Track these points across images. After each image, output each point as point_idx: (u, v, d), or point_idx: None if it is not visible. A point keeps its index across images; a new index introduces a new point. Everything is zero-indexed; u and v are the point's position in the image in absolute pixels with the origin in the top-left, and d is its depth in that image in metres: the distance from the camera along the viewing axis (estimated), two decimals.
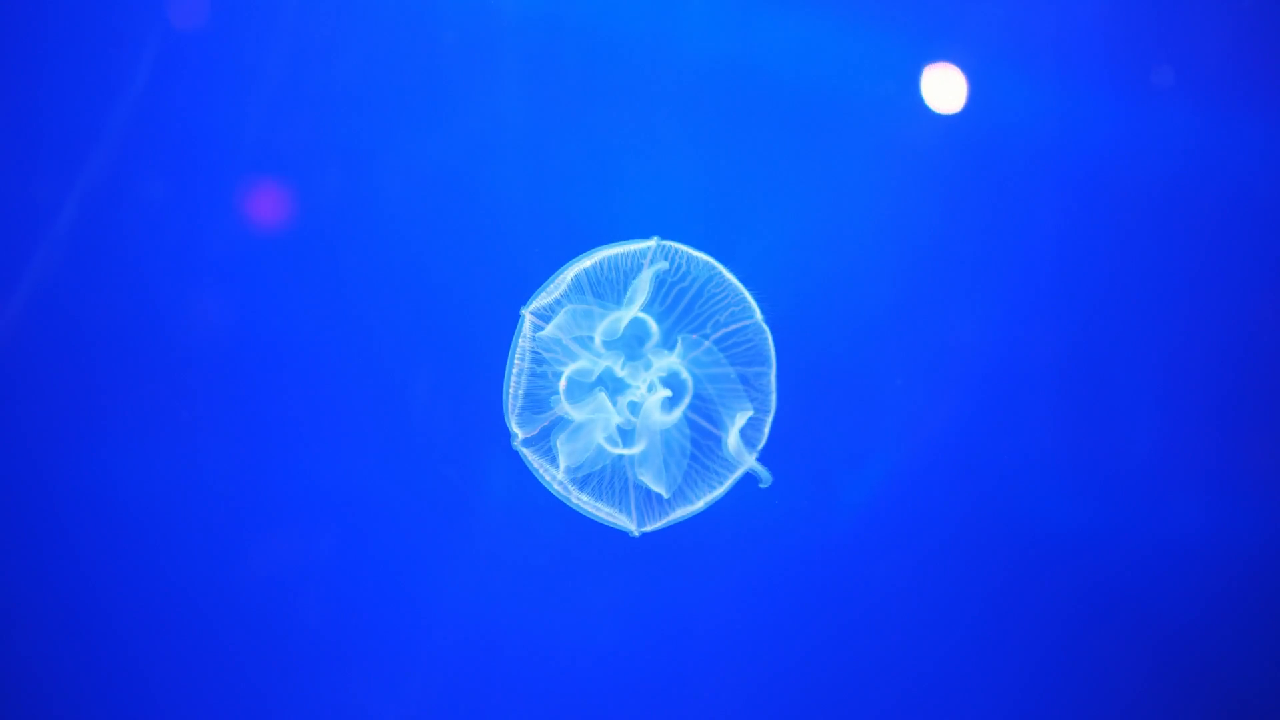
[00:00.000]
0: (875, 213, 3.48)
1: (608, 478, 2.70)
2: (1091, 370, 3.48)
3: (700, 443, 2.67)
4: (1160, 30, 3.47)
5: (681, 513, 2.74)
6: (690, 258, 2.63)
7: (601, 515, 2.74)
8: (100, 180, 3.36)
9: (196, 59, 3.40)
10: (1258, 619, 3.44)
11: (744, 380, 2.63)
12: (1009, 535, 3.45)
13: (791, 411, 3.32)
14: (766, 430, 2.72)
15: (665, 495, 2.66)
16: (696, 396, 2.64)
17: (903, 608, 3.45)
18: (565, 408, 2.64)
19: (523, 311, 2.70)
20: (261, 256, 3.43)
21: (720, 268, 2.63)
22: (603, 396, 2.63)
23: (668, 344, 2.63)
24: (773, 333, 3.32)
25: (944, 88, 3.46)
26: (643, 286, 2.58)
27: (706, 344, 2.58)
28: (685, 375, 2.61)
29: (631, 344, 2.63)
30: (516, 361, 2.66)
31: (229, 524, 3.39)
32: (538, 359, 2.66)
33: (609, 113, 3.45)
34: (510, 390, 2.68)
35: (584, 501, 2.73)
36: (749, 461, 2.68)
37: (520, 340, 2.67)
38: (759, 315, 2.65)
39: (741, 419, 2.62)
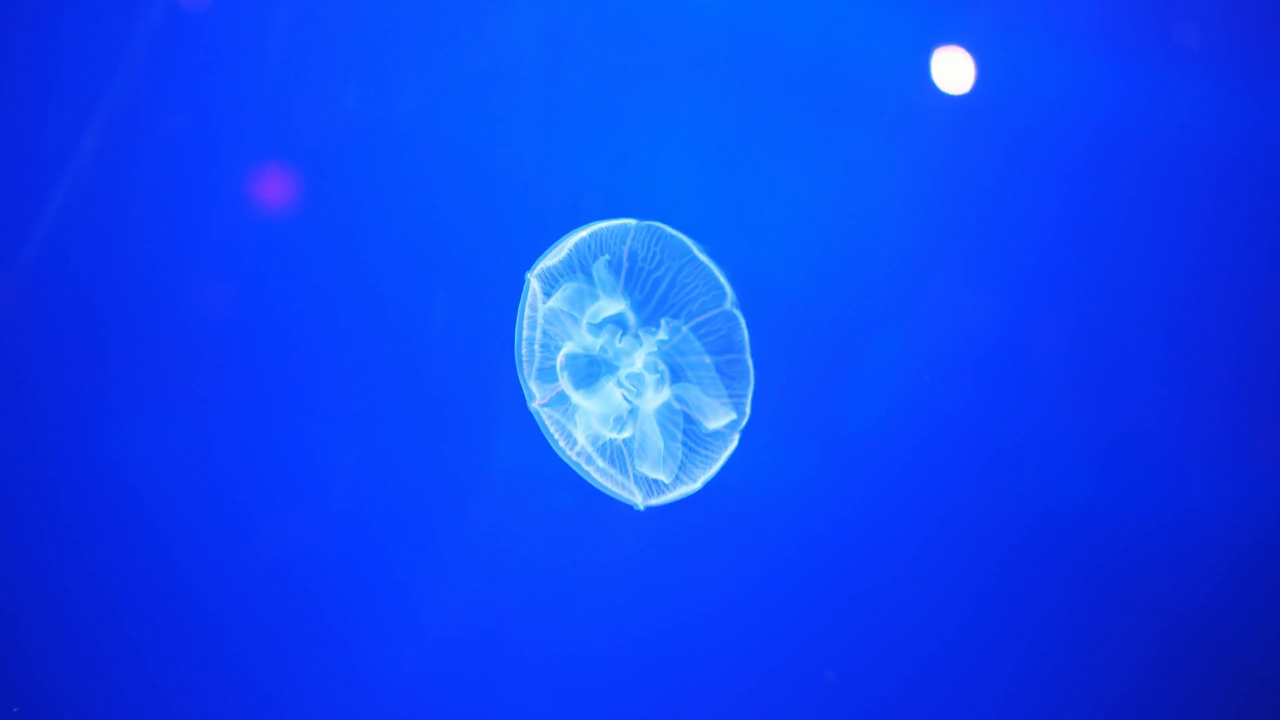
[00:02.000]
0: (885, 190, 3.50)
1: (610, 454, 2.76)
2: (1103, 347, 3.48)
3: (688, 427, 2.74)
4: (1168, 9, 3.43)
5: (680, 491, 2.79)
6: (664, 243, 2.68)
7: (610, 486, 2.79)
8: (107, 163, 3.39)
9: (202, 32, 3.44)
10: (1270, 596, 3.43)
11: (719, 367, 2.69)
12: (1021, 513, 3.46)
13: (802, 389, 3.42)
14: (748, 408, 2.77)
15: (665, 480, 2.71)
16: (680, 381, 2.71)
17: (910, 586, 3.47)
18: (565, 385, 2.70)
19: (527, 275, 2.73)
20: (262, 232, 3.45)
21: (696, 251, 2.68)
22: (606, 380, 2.69)
23: (649, 329, 2.69)
24: (781, 310, 3.39)
25: (953, 68, 3.45)
26: (601, 275, 2.65)
27: (684, 330, 2.64)
28: (662, 365, 2.67)
29: (617, 328, 2.70)
30: (525, 328, 2.71)
31: (236, 502, 3.42)
32: (545, 331, 2.71)
33: (617, 86, 3.48)
34: (522, 354, 2.72)
35: (595, 470, 2.78)
36: (732, 441, 2.74)
37: (526, 307, 2.71)
38: (730, 303, 2.70)
39: (719, 401, 2.68)
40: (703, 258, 2.64)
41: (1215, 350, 3.46)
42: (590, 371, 2.69)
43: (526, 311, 2.69)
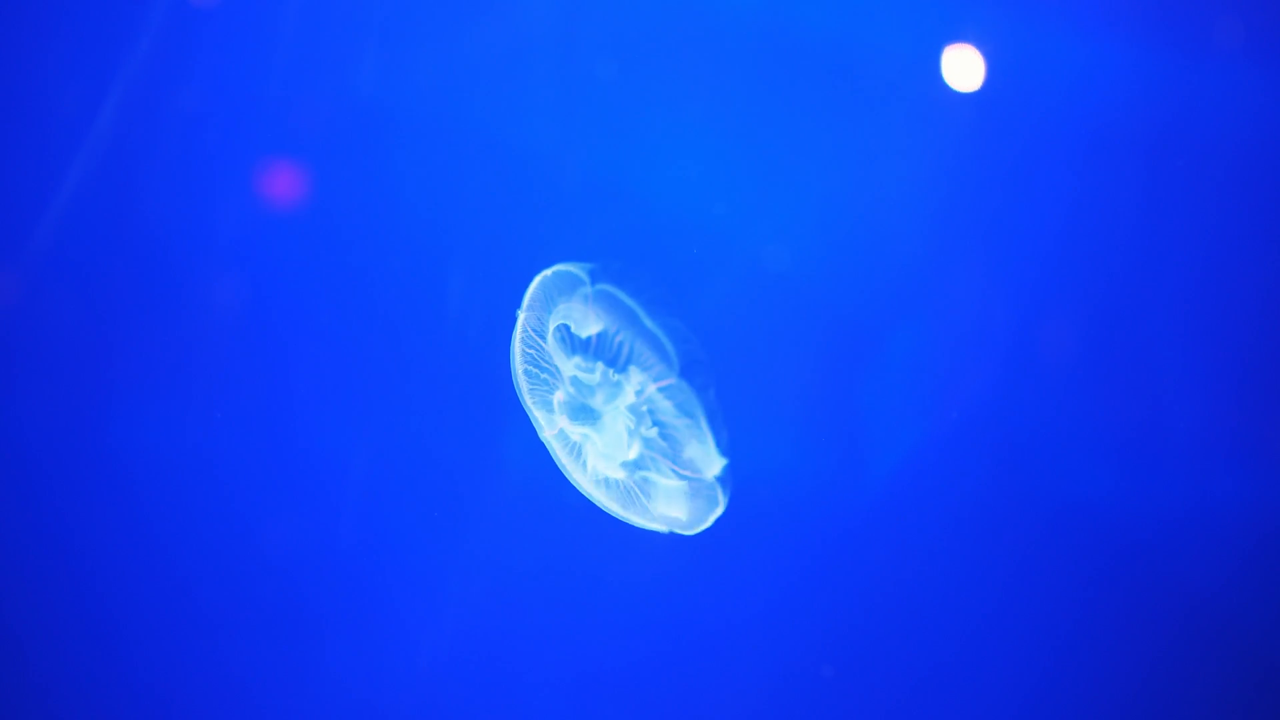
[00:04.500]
0: (900, 188, 3.46)
1: (616, 490, 2.82)
2: (1122, 340, 3.43)
3: (673, 468, 2.77)
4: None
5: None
6: (619, 309, 2.69)
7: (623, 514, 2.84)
8: (119, 157, 3.38)
9: (212, 18, 3.42)
10: None
11: (680, 425, 2.71)
12: (1042, 509, 3.43)
13: (817, 385, 3.43)
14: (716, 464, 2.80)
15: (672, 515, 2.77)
16: (654, 434, 2.73)
17: (931, 581, 3.46)
18: (561, 424, 2.74)
19: (517, 312, 2.77)
20: (272, 227, 3.44)
21: (647, 322, 2.69)
22: (594, 422, 2.73)
23: (616, 388, 2.72)
24: (794, 307, 3.42)
25: (963, 66, 3.38)
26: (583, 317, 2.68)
27: (651, 389, 2.67)
28: (629, 420, 2.70)
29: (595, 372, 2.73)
30: (519, 362, 2.75)
31: (246, 500, 3.41)
32: (536, 366, 2.75)
33: (630, 82, 3.47)
34: (522, 388, 2.78)
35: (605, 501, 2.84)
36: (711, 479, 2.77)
37: (516, 342, 2.76)
38: (676, 375, 2.70)
39: (695, 447, 2.71)
40: (650, 325, 2.64)
41: (1235, 344, 3.39)
42: (580, 413, 2.72)
43: (517, 346, 2.73)
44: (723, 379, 3.24)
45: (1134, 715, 3.43)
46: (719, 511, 2.82)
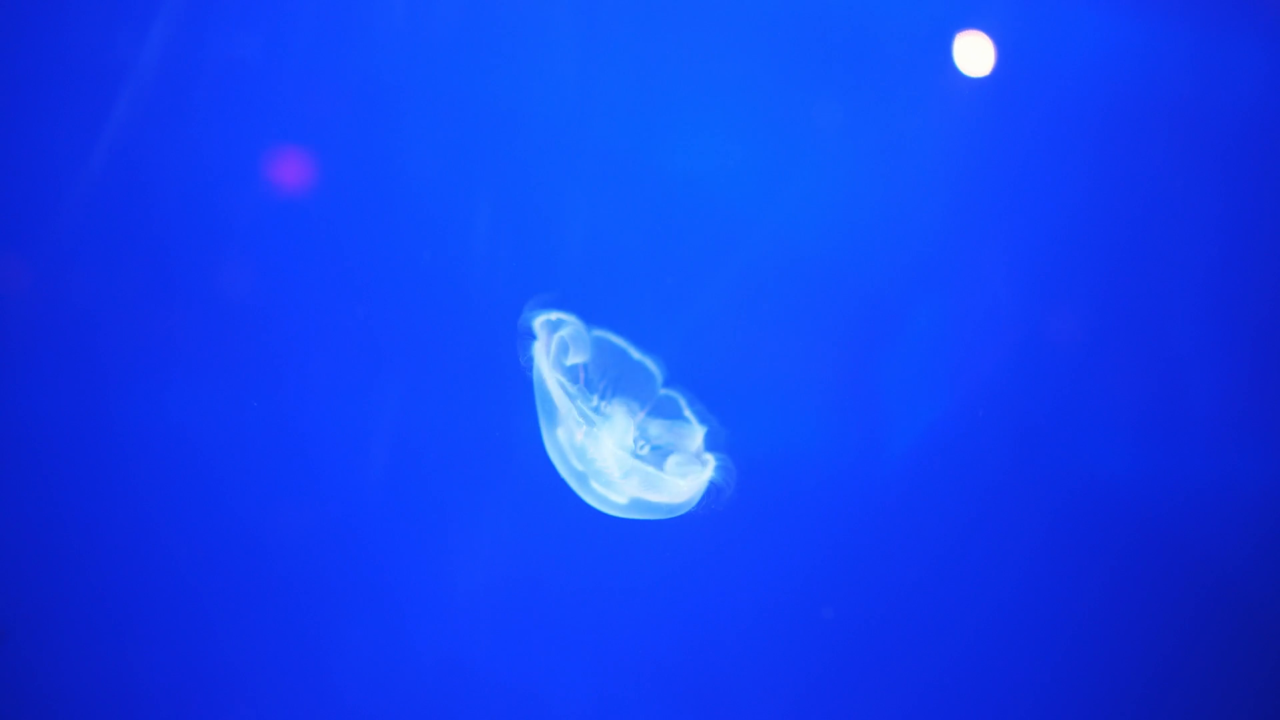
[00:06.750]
0: (914, 170, 3.45)
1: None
2: (1137, 320, 3.43)
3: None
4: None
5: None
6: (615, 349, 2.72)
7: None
8: (133, 147, 3.37)
9: (224, 19, 3.41)
10: None
11: (680, 429, 2.74)
12: (1058, 486, 3.45)
13: (837, 365, 3.45)
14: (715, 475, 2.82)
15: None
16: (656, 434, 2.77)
17: (948, 560, 3.47)
18: (570, 433, 2.78)
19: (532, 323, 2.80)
20: (289, 224, 3.44)
21: (624, 347, 2.71)
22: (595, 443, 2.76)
23: (608, 414, 2.75)
24: (808, 294, 3.43)
25: (974, 51, 3.35)
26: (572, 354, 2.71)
27: (640, 415, 2.70)
28: (622, 451, 2.73)
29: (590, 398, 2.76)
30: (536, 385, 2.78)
31: (248, 498, 3.43)
32: (544, 388, 2.79)
33: (644, 70, 3.46)
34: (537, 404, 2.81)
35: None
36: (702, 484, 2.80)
37: (536, 356, 2.79)
38: (661, 385, 2.72)
39: (693, 449, 2.74)
40: (637, 355, 2.67)
41: (1251, 325, 3.39)
42: (583, 426, 2.75)
43: (536, 372, 2.75)
44: (738, 363, 3.31)
45: (1149, 696, 3.47)
46: (724, 500, 2.84)
